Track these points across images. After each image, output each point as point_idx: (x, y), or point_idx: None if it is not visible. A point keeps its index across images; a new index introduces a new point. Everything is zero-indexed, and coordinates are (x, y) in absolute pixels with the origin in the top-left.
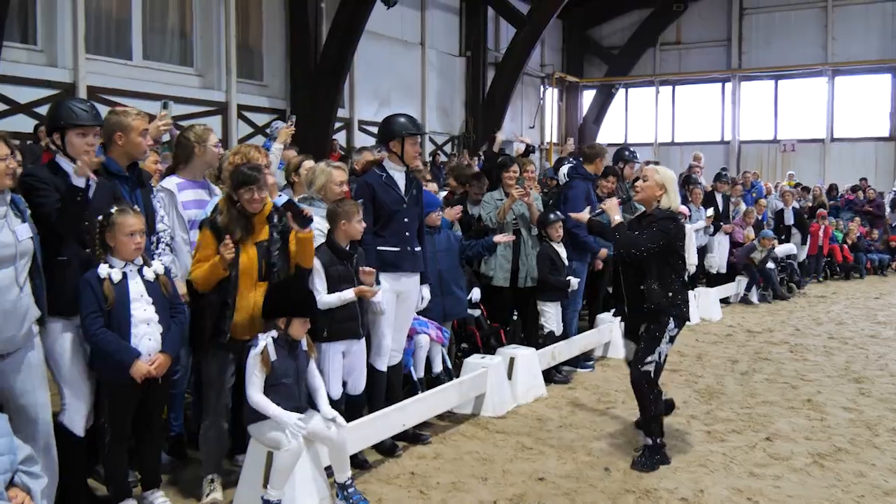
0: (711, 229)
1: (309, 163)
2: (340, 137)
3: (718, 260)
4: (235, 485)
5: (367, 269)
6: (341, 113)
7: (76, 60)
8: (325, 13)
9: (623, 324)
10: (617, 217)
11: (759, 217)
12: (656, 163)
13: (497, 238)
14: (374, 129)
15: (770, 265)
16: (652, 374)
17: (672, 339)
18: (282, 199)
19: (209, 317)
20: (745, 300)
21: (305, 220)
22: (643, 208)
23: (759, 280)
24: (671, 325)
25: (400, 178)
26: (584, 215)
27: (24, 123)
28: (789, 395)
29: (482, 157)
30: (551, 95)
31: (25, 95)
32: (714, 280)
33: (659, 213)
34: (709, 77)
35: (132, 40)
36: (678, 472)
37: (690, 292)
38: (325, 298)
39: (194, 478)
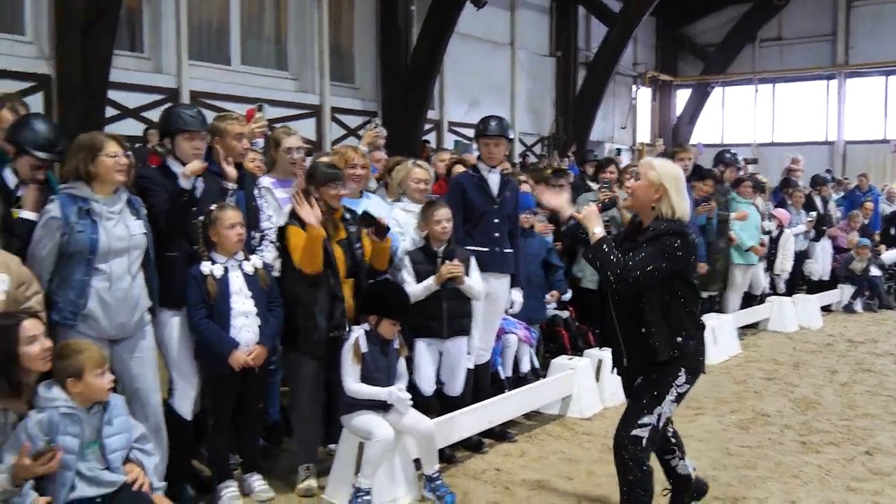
0: (813, 233)
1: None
2: (430, 139)
3: (820, 267)
4: (328, 472)
5: (454, 262)
6: (431, 114)
7: (180, 67)
8: (415, 16)
9: (621, 378)
10: (597, 230)
11: (866, 221)
12: (754, 161)
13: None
14: (464, 131)
15: (876, 272)
16: (645, 442)
17: (680, 398)
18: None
19: (321, 313)
20: (848, 308)
21: (383, 232)
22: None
23: (865, 288)
24: (681, 378)
25: (493, 178)
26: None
27: (133, 127)
28: (893, 408)
29: (572, 159)
30: (644, 95)
31: (134, 101)
32: (816, 287)
33: (659, 226)
34: (812, 74)
35: (231, 46)
36: (769, 482)
37: (788, 299)
38: (410, 289)
39: (290, 465)
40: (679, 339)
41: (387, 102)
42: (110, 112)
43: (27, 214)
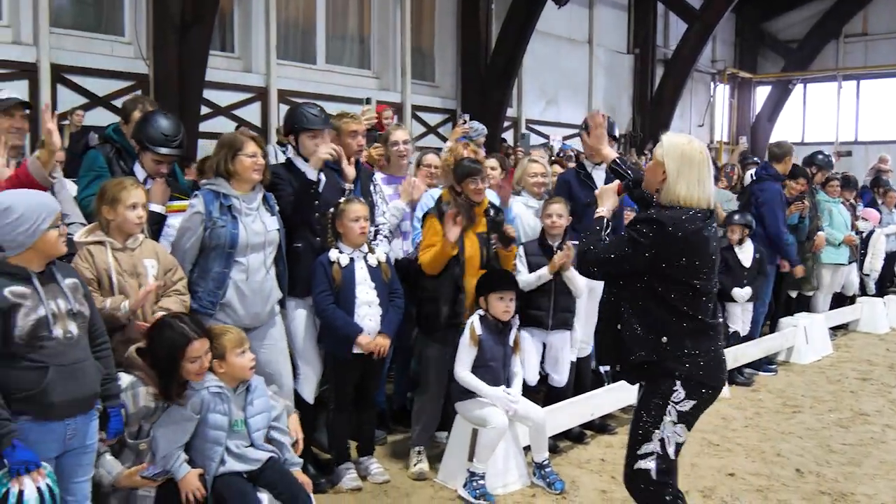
0: None
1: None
2: (508, 137)
3: None
4: (437, 458)
5: (563, 252)
6: (509, 112)
7: (269, 66)
8: (495, 14)
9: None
10: (602, 209)
11: None
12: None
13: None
14: (541, 128)
15: None
16: (655, 475)
17: (685, 419)
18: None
19: (444, 301)
20: None
21: (508, 241)
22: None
23: None
24: (678, 393)
25: (599, 175)
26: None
27: (224, 125)
28: None
29: (649, 157)
30: (722, 92)
31: (225, 99)
32: None
33: (647, 211)
34: None
35: (316, 46)
36: (876, 479)
37: (879, 300)
38: (524, 277)
39: (400, 449)
40: (663, 340)
41: (466, 100)
42: (204, 110)
43: (154, 207)
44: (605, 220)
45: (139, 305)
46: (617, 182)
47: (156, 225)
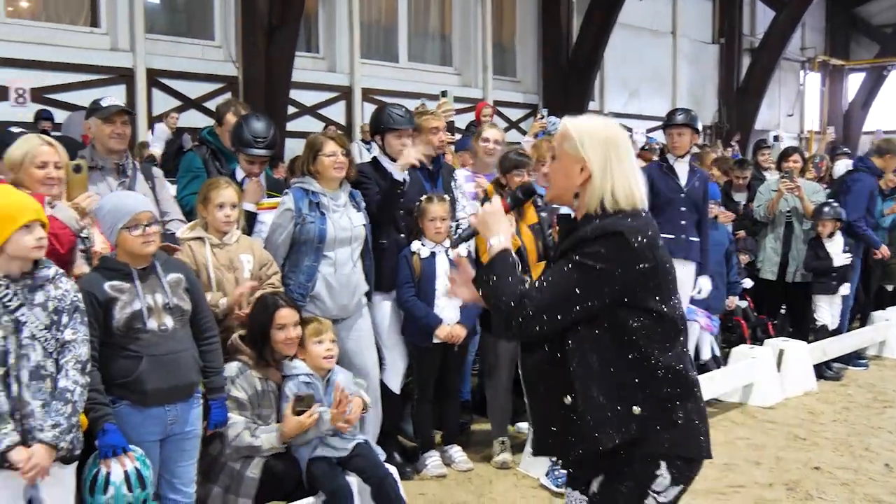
0: None
1: None
2: None
3: None
4: (520, 448)
5: None
6: (591, 106)
7: (352, 65)
8: (576, 8)
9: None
10: (498, 237)
11: None
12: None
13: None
14: (624, 122)
15: None
16: None
17: None
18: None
19: None
20: None
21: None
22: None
23: None
24: (662, 478)
25: (681, 168)
26: None
27: (311, 125)
28: None
29: (735, 148)
30: (812, 80)
31: (310, 99)
32: None
33: (584, 228)
34: None
35: (399, 44)
36: None
37: None
38: None
39: (484, 439)
40: (635, 410)
41: (548, 95)
42: (290, 110)
43: (247, 206)
44: (509, 254)
45: (236, 303)
46: (497, 198)
47: (247, 222)
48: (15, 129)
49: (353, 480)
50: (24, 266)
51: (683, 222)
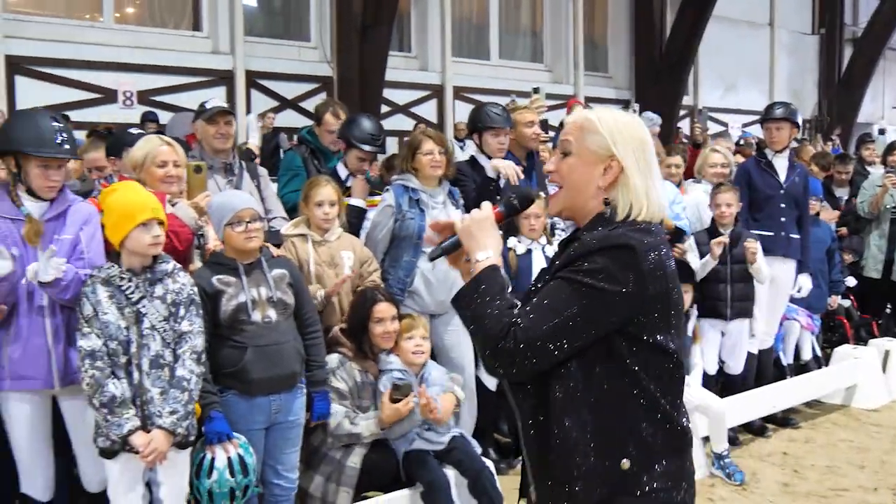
0: None
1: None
2: (684, 125)
3: None
4: None
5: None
6: (685, 100)
7: (444, 64)
8: (669, 1)
9: None
10: (486, 252)
11: None
12: None
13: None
14: (720, 116)
15: None
16: None
17: None
18: None
19: None
20: None
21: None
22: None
23: None
24: None
25: (780, 163)
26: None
27: (403, 123)
28: None
29: (836, 142)
30: None
31: (403, 97)
32: None
33: (589, 240)
34: None
35: (490, 42)
36: None
37: None
38: (693, 264)
39: None
40: (624, 465)
41: (640, 91)
42: (383, 109)
43: (355, 202)
44: (497, 272)
45: (334, 293)
46: (488, 205)
47: (356, 218)
48: (134, 131)
49: (450, 473)
50: (144, 261)
51: (783, 219)
